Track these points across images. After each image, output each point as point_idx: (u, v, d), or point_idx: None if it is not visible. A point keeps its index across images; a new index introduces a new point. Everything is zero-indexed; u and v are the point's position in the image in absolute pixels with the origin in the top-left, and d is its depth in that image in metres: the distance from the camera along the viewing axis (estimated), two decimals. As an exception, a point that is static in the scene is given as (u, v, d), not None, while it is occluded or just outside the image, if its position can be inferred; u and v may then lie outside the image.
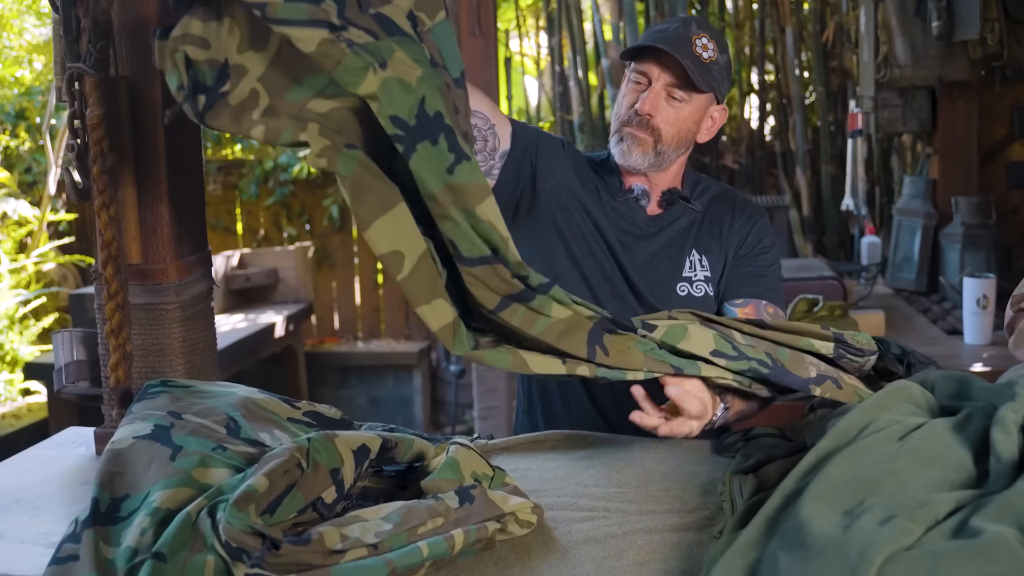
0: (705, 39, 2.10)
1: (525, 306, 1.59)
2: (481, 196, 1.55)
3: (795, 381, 1.73)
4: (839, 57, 6.64)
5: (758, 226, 2.23)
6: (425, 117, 1.51)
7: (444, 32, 1.65)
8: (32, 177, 7.05)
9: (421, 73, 1.53)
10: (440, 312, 1.54)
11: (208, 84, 1.52)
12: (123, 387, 1.84)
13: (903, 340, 3.72)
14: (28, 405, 5.86)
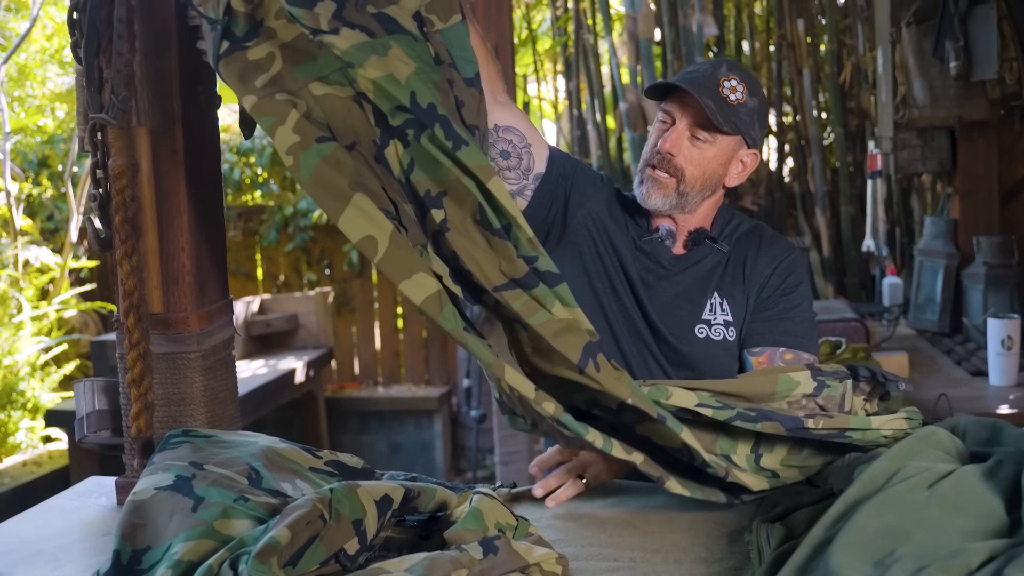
0: (734, 80, 2.07)
1: (528, 293, 1.62)
2: (487, 175, 1.61)
3: (784, 419, 1.72)
4: (857, 98, 6.65)
5: (782, 266, 2.15)
6: (418, 108, 1.60)
7: (457, 35, 1.73)
8: (54, 224, 7.09)
9: (415, 68, 1.61)
10: (422, 284, 1.59)
11: (237, 35, 1.66)
12: (145, 437, 1.83)
13: (928, 382, 3.72)
14: (49, 452, 5.87)
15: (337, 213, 1.58)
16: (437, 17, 1.71)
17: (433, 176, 1.64)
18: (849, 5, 6.71)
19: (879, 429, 1.76)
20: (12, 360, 5.80)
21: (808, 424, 1.73)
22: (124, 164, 1.79)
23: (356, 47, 1.60)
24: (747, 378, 1.85)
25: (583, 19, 7.01)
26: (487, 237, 1.62)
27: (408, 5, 1.68)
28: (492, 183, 1.60)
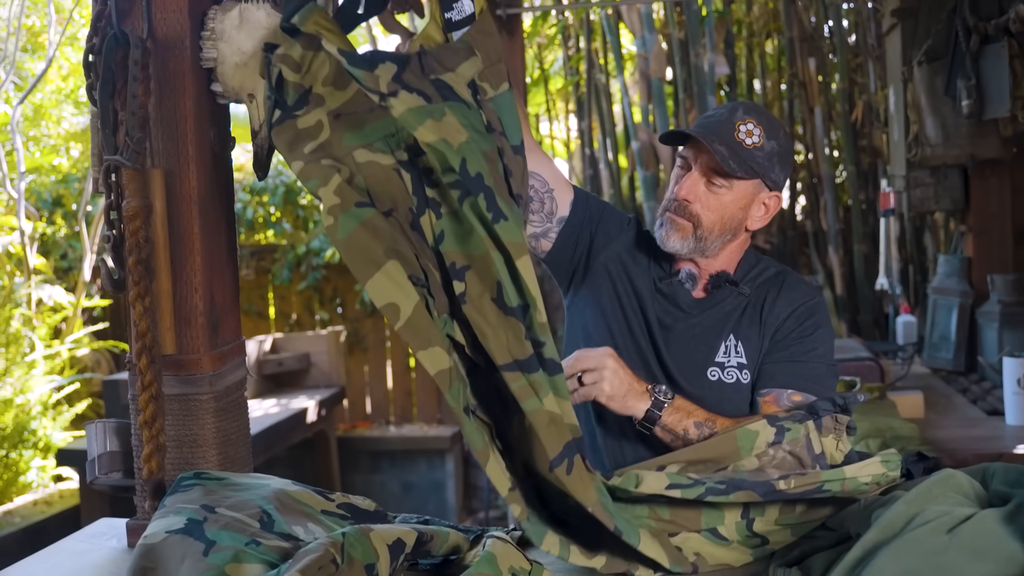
0: (751, 124, 2.05)
1: (526, 377, 1.62)
2: (519, 252, 1.62)
3: (755, 486, 1.70)
4: (869, 136, 6.66)
5: (801, 309, 2.12)
6: (467, 176, 1.63)
7: (506, 102, 1.76)
8: (68, 263, 7.12)
9: (467, 137, 1.64)
10: (437, 358, 1.62)
11: (288, 104, 1.73)
12: (156, 479, 1.82)
13: (944, 421, 3.69)
14: (60, 492, 5.85)
15: (367, 277, 1.62)
16: (490, 85, 1.75)
17: (462, 248, 1.67)
18: (860, 44, 6.74)
19: (856, 477, 1.73)
20: (24, 399, 5.80)
21: (780, 486, 1.69)
22: (138, 206, 1.79)
23: (413, 111, 1.62)
24: (709, 442, 1.84)
25: (595, 59, 7.05)
26: (499, 315, 1.63)
27: (464, 73, 1.72)
28: (521, 261, 1.62)
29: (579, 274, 2.22)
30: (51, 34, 6.60)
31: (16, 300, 6.14)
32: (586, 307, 2.21)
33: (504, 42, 5.18)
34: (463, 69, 1.72)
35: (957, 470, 1.57)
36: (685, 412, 1.95)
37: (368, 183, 1.70)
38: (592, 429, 2.17)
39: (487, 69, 1.75)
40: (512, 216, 1.63)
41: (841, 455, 1.85)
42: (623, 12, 6.79)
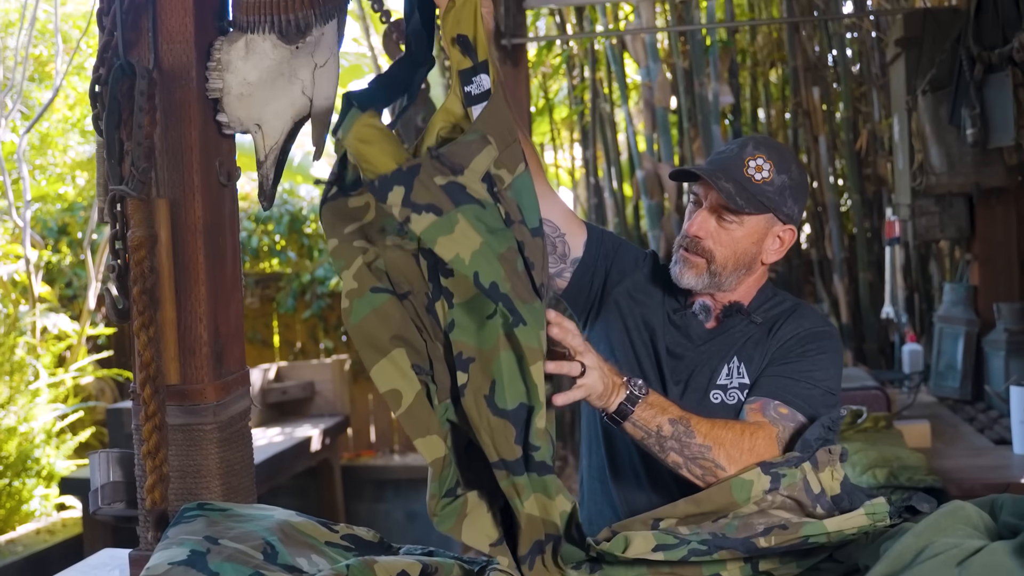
0: (760, 159, 2.05)
1: (510, 479, 1.64)
2: (533, 359, 1.62)
3: (736, 544, 1.69)
4: (873, 165, 6.66)
5: (805, 333, 2.10)
6: (481, 288, 1.61)
7: (524, 184, 1.73)
8: (72, 291, 7.13)
9: (480, 243, 1.61)
10: (433, 446, 1.68)
11: (347, 183, 1.77)
12: (159, 509, 1.81)
13: (951, 451, 3.67)
14: (63, 520, 5.83)
15: (372, 363, 1.65)
16: (506, 170, 1.72)
17: (471, 340, 1.67)
18: (864, 73, 6.76)
19: (841, 530, 1.72)
20: (28, 427, 5.79)
21: (761, 543, 1.69)
22: (143, 235, 1.79)
23: (426, 231, 1.61)
24: (704, 494, 1.82)
25: (599, 88, 7.06)
26: (489, 414, 1.64)
27: (478, 168, 1.67)
28: (535, 367, 1.62)
29: (594, 310, 2.25)
30: (58, 64, 6.64)
31: (21, 328, 6.14)
32: (599, 341, 2.21)
33: (508, 72, 5.21)
34: (477, 163, 1.67)
35: (966, 502, 1.56)
36: (659, 408, 1.88)
37: (388, 266, 1.72)
38: (604, 476, 2.18)
39: (503, 154, 1.71)
40: (532, 319, 1.62)
41: (837, 483, 1.84)
42: (627, 42, 6.82)
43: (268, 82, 1.90)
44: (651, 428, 1.87)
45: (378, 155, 1.68)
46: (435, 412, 1.69)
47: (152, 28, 1.85)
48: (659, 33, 6.80)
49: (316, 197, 8.41)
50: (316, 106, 1.96)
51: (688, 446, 1.87)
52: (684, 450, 1.86)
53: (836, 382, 2.10)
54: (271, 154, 1.95)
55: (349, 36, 9.97)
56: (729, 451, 1.86)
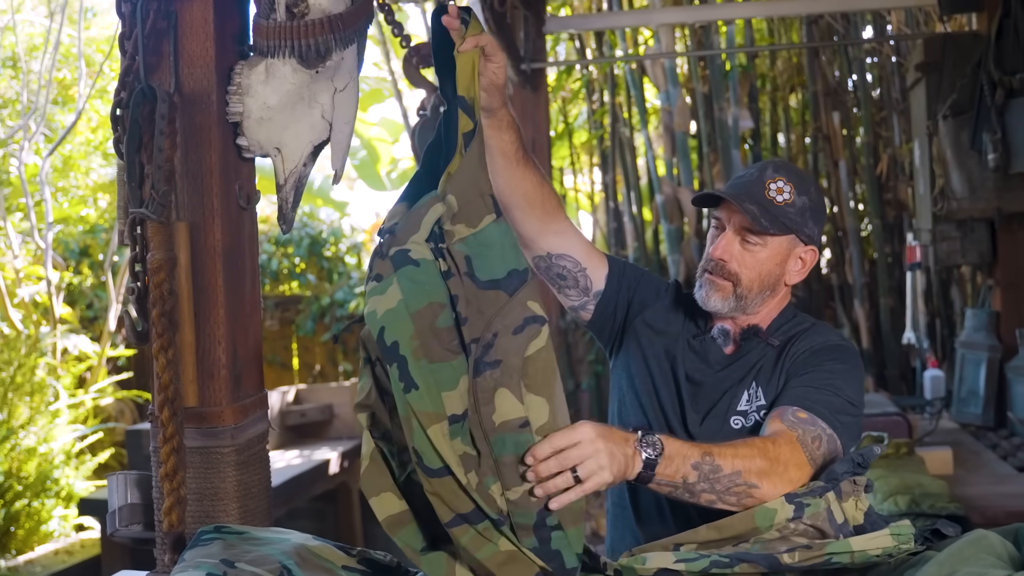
0: (781, 182, 2.07)
1: (473, 528, 1.58)
2: (428, 422, 1.56)
3: (758, 558, 1.67)
4: (894, 189, 6.64)
5: (820, 347, 2.09)
6: (383, 346, 1.58)
7: (491, 236, 1.67)
8: (93, 313, 7.16)
9: (397, 302, 1.60)
10: (387, 504, 1.65)
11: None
12: (176, 532, 1.81)
13: (973, 478, 3.64)
14: (82, 541, 5.84)
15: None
16: (465, 224, 1.67)
17: (400, 413, 1.61)
18: (884, 97, 6.75)
19: (865, 550, 1.70)
20: (47, 448, 5.81)
21: (785, 560, 1.67)
22: (162, 258, 1.79)
23: (368, 297, 1.63)
24: (726, 520, 1.79)
25: (619, 112, 7.08)
26: (425, 477, 1.58)
27: (426, 227, 1.66)
28: (432, 430, 1.56)
29: (618, 340, 2.27)
30: (81, 87, 6.69)
31: (41, 349, 6.17)
32: (622, 372, 2.25)
33: (528, 96, 5.23)
34: (424, 226, 1.66)
35: (989, 530, 1.54)
36: (680, 458, 1.79)
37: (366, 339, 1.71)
38: (624, 503, 2.18)
39: (463, 209, 1.67)
40: (424, 384, 1.56)
41: (861, 513, 1.82)
42: (647, 66, 6.83)
43: (288, 106, 1.91)
44: (677, 481, 1.80)
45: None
46: (392, 472, 1.69)
47: (173, 52, 1.86)
48: (679, 58, 6.81)
49: (336, 220, 8.44)
50: (336, 130, 1.96)
51: (718, 481, 1.81)
52: (715, 486, 1.81)
53: (858, 395, 2.06)
54: (291, 178, 1.95)
55: (369, 61, 10.03)
56: (758, 467, 1.81)
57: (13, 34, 6.93)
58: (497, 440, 1.57)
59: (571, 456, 1.59)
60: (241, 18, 1.97)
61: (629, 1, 6.93)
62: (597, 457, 1.61)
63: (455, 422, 1.56)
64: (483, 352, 1.60)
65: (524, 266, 1.68)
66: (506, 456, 1.57)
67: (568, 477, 1.59)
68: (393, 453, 1.69)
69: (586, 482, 1.60)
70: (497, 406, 1.57)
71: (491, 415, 1.57)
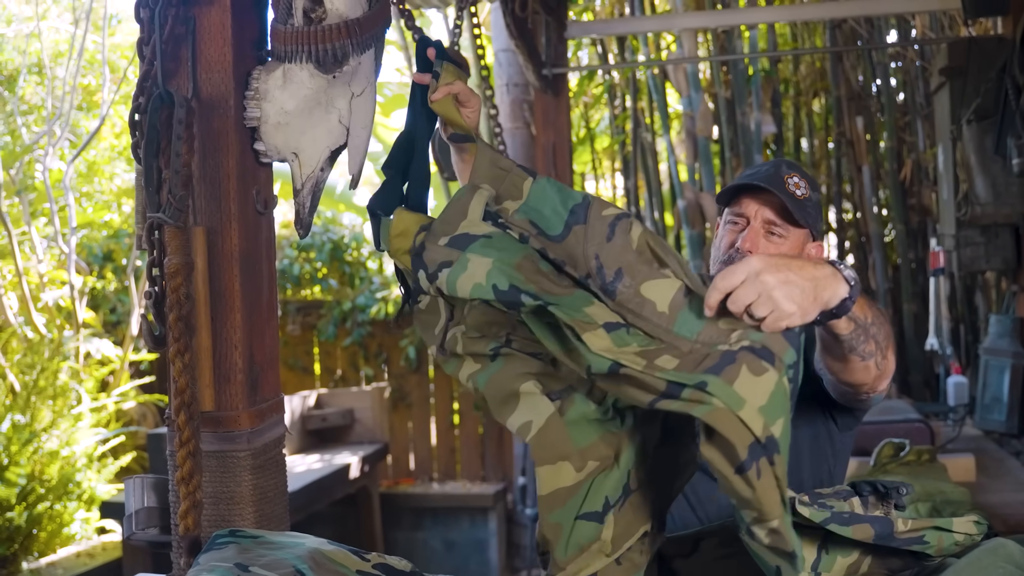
0: (796, 178, 2.11)
1: (680, 400, 1.45)
2: (582, 330, 1.52)
3: (875, 521, 1.64)
4: (918, 195, 6.60)
5: None
6: (502, 295, 1.57)
7: (537, 195, 1.70)
8: (116, 317, 7.19)
9: (491, 261, 1.60)
10: (560, 474, 1.54)
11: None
12: (193, 535, 1.81)
13: (996, 485, 3.61)
14: (103, 544, 5.86)
15: (505, 417, 1.61)
16: (510, 200, 1.72)
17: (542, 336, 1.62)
18: (908, 102, 6.71)
19: (954, 533, 1.68)
20: (70, 451, 5.84)
21: (899, 526, 1.63)
22: (179, 263, 1.80)
23: (448, 284, 1.63)
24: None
25: (641, 118, 7.06)
26: (608, 383, 1.52)
27: (475, 213, 1.70)
28: (587, 336, 1.52)
29: None
30: (105, 93, 6.73)
31: (64, 353, 6.20)
32: None
33: (550, 101, 5.23)
34: (472, 210, 1.70)
35: (1008, 538, 1.53)
36: (865, 300, 1.67)
37: (479, 326, 1.71)
38: None
39: (501, 189, 1.72)
40: (565, 301, 1.55)
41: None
42: (669, 71, 6.81)
43: (305, 111, 1.91)
44: (863, 317, 1.65)
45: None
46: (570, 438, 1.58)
47: (191, 57, 1.87)
48: (701, 63, 6.79)
49: (358, 225, 8.45)
50: (353, 135, 1.97)
51: (880, 328, 1.71)
52: (877, 334, 1.70)
53: None
54: (308, 182, 1.96)
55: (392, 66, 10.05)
56: (887, 331, 1.77)
57: (39, 40, 6.97)
58: (678, 321, 1.51)
59: (740, 298, 1.45)
60: (259, 23, 1.98)
61: (651, 6, 6.91)
62: (769, 294, 1.44)
63: (613, 329, 1.52)
64: (600, 279, 1.57)
65: (580, 196, 1.68)
66: (695, 327, 1.49)
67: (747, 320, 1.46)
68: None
69: (767, 321, 1.44)
70: (652, 298, 1.52)
71: (655, 309, 1.52)
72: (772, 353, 1.41)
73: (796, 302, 1.45)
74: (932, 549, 1.66)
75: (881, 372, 1.78)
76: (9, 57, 7.00)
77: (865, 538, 1.63)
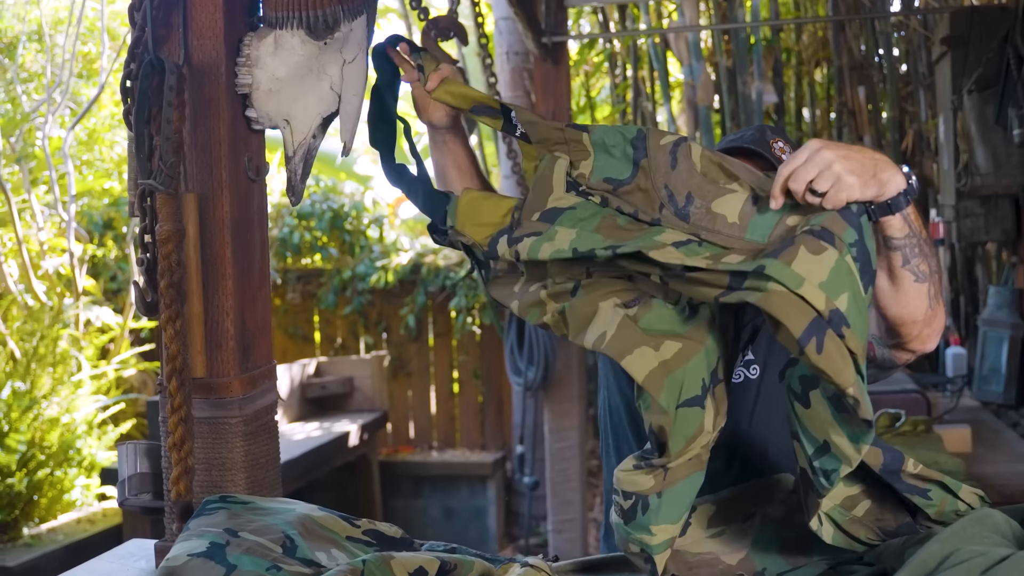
0: (781, 143, 2.08)
1: (740, 290, 1.48)
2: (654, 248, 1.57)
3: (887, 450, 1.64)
4: (919, 165, 6.58)
5: None
6: (582, 256, 1.63)
7: (597, 149, 1.75)
8: (117, 285, 7.21)
9: (575, 232, 1.66)
10: (645, 360, 1.56)
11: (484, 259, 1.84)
12: (184, 501, 1.82)
13: (992, 456, 3.61)
14: (104, 511, 5.90)
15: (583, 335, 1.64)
16: (582, 162, 1.76)
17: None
18: (911, 72, 6.67)
19: (958, 500, 1.69)
20: (70, 418, 5.87)
21: (908, 466, 1.65)
22: (171, 230, 1.80)
23: (530, 249, 1.68)
24: None
25: (642, 87, 7.04)
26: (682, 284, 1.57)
27: (559, 180, 1.75)
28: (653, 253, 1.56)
29: None
30: (104, 61, 6.71)
31: (64, 320, 6.21)
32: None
33: (549, 70, 5.21)
34: (556, 184, 1.75)
35: (995, 508, 1.53)
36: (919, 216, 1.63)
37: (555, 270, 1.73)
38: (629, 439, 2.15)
39: (571, 152, 1.77)
40: (632, 241, 1.60)
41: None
42: (670, 40, 6.78)
43: (297, 78, 1.90)
44: (918, 228, 1.60)
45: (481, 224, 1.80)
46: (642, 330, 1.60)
47: (182, 24, 1.86)
48: (703, 31, 6.75)
49: (358, 194, 8.44)
50: (345, 102, 1.96)
51: (934, 256, 1.66)
52: (928, 256, 1.64)
53: None
54: (299, 150, 1.95)
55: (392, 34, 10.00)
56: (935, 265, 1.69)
57: (38, 7, 6.94)
58: (750, 228, 1.57)
59: (801, 175, 1.49)
60: (250, -11, 1.96)
61: (653, -26, 6.87)
62: (829, 167, 1.48)
63: (682, 245, 1.57)
64: (673, 206, 1.63)
65: (635, 130, 1.73)
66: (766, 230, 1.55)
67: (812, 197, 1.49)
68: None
69: (829, 195, 1.48)
70: (723, 212, 1.58)
71: (726, 222, 1.58)
72: (831, 233, 1.45)
73: (856, 174, 1.48)
74: (933, 509, 1.66)
75: (934, 313, 1.68)
76: (9, 24, 6.97)
77: (874, 464, 1.62)
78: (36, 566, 5.06)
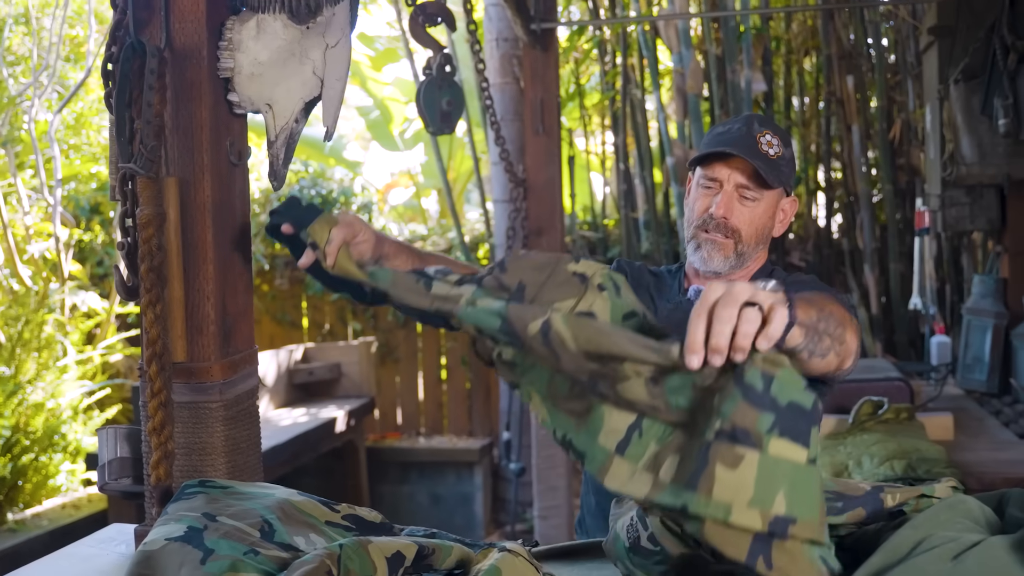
0: (769, 135, 2.10)
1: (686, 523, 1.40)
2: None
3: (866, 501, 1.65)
4: (907, 154, 6.59)
5: (789, 279, 2.09)
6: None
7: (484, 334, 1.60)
8: (103, 270, 7.19)
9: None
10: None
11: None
12: (164, 485, 1.82)
13: (974, 443, 3.63)
14: (89, 496, 5.90)
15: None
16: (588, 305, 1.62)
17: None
18: (899, 62, 6.68)
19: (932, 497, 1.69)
20: (55, 403, 5.86)
21: (888, 501, 1.65)
22: (151, 213, 1.79)
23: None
24: None
25: (631, 74, 7.03)
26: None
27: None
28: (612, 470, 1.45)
29: None
30: (91, 44, 6.68)
31: (50, 305, 6.20)
32: None
33: (538, 57, 5.19)
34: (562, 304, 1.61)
35: (969, 495, 1.54)
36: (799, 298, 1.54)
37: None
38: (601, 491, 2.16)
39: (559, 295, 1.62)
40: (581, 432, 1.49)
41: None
42: (660, 28, 6.77)
43: (279, 62, 1.90)
44: (811, 318, 1.54)
45: None
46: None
47: (164, 7, 1.86)
48: (692, 19, 6.75)
49: (346, 179, 8.42)
50: (327, 86, 1.96)
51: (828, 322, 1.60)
52: (828, 328, 1.59)
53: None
54: (282, 134, 1.95)
55: (383, 20, 9.97)
56: (840, 314, 1.66)
57: (25, -10, 6.92)
58: (671, 397, 1.44)
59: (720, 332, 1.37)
60: (232, -27, 1.96)
61: (643, -39, 6.86)
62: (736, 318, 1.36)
63: (625, 446, 1.45)
64: (593, 386, 1.49)
65: (497, 320, 1.54)
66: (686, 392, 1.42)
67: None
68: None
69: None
70: (633, 399, 1.45)
71: (644, 403, 1.44)
72: (745, 431, 1.30)
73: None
74: (910, 508, 1.68)
75: (842, 357, 1.66)
76: (-5, 7, 6.95)
77: (857, 520, 1.63)
78: (20, 551, 5.05)
